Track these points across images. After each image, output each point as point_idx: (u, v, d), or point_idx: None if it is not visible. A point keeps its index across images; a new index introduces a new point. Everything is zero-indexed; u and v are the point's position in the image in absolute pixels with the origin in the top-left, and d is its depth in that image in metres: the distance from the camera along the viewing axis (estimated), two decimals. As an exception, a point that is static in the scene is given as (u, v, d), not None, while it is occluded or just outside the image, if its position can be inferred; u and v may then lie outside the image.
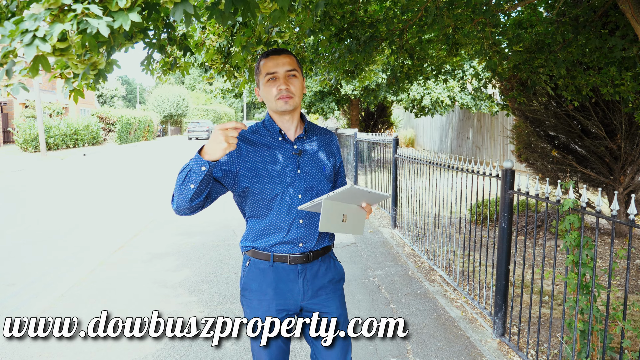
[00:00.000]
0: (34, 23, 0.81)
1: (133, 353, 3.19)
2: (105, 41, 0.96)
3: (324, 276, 1.80)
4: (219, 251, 5.64)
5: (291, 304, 1.76)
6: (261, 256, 1.75)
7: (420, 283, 4.54)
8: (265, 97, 1.73)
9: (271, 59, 1.68)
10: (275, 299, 1.74)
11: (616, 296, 3.95)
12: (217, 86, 15.54)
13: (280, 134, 1.73)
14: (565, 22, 4.32)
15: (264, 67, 1.69)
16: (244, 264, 1.82)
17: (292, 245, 1.73)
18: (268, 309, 1.75)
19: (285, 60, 1.68)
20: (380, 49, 5.50)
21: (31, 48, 0.80)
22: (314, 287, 1.78)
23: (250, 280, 1.77)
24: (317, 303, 1.79)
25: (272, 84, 1.68)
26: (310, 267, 1.77)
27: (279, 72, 1.67)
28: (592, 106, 5.36)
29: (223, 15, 1.09)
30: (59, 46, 0.90)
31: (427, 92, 14.24)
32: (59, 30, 0.80)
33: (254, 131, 1.75)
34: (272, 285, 1.74)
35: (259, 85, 1.74)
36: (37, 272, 5.02)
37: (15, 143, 22.73)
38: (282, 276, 1.74)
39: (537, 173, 6.25)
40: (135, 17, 0.81)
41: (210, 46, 3.38)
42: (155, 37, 1.78)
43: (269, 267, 1.74)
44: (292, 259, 1.73)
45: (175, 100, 46.35)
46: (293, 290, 1.75)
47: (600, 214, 2.35)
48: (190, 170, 1.50)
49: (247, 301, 1.79)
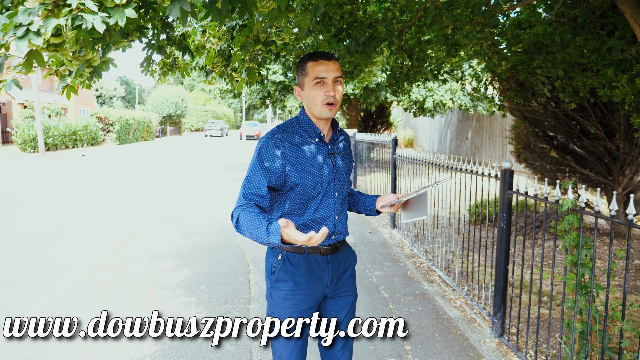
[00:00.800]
0: (27, 17, 0.80)
1: (131, 354, 3.18)
2: (101, 38, 0.95)
3: (344, 263, 1.94)
4: (218, 252, 5.63)
5: (320, 294, 1.86)
6: (295, 249, 1.80)
7: (419, 283, 4.53)
8: (309, 99, 1.76)
9: (321, 64, 1.71)
10: (306, 289, 1.82)
11: (615, 296, 3.95)
12: (217, 87, 15.54)
13: (319, 136, 1.80)
14: (563, 23, 4.32)
15: (313, 71, 1.72)
16: (273, 257, 1.85)
17: (326, 238, 1.81)
18: (299, 301, 1.81)
19: (334, 66, 1.73)
20: (379, 50, 5.50)
21: (24, 41, 0.79)
22: (338, 274, 1.90)
23: (285, 272, 1.82)
24: (339, 288, 1.92)
25: (320, 88, 1.72)
26: (337, 257, 1.89)
27: (328, 77, 1.71)
28: (590, 107, 5.37)
29: (220, 13, 1.09)
30: (53, 41, 0.89)
31: (429, 94, 14.25)
32: (53, 25, 0.79)
33: (291, 131, 1.79)
34: (305, 276, 1.81)
35: (303, 86, 1.78)
36: (36, 272, 5.01)
37: (14, 143, 22.70)
38: (314, 267, 1.83)
39: (536, 173, 6.25)
40: (130, 13, 0.80)
41: (211, 49, 3.37)
42: (154, 37, 1.77)
43: (303, 259, 1.81)
44: (325, 250, 1.83)
45: (174, 101, 46.30)
46: (323, 280, 1.85)
47: (599, 214, 2.35)
48: (264, 242, 1.57)
49: (279, 292, 1.83)
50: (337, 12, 4.51)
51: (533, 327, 3.40)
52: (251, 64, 3.19)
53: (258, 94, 14.71)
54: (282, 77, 13.74)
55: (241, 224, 1.63)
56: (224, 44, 3.32)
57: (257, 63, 3.35)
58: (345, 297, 1.93)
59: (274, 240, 1.52)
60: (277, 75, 13.62)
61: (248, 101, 15.42)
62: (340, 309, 1.93)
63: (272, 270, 1.85)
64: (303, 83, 1.77)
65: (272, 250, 1.87)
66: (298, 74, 1.80)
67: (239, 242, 6.08)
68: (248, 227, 1.60)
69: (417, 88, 13.94)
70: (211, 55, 3.47)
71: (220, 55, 3.53)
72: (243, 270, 4.95)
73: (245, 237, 1.72)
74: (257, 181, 1.71)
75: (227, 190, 10.77)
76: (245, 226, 1.61)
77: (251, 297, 4.19)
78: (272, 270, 1.85)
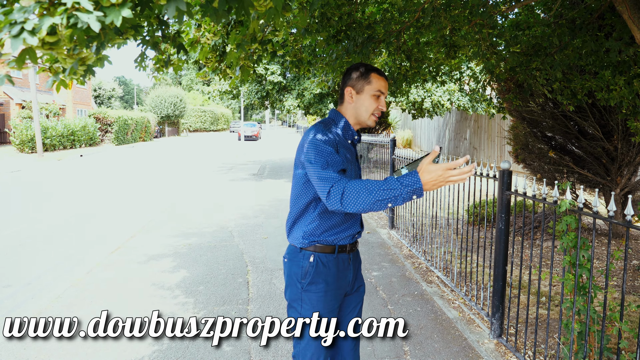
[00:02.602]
0: (22, 15, 0.80)
1: (130, 354, 3.16)
2: (96, 36, 0.95)
3: (357, 259, 2.04)
4: (216, 252, 5.62)
5: (345, 291, 1.95)
6: (327, 249, 1.86)
7: (418, 284, 4.53)
8: (364, 105, 1.89)
9: (384, 80, 1.90)
10: (336, 288, 1.89)
11: (613, 297, 3.95)
12: (215, 88, 15.51)
13: (353, 138, 1.93)
14: (562, 25, 4.33)
15: (377, 83, 1.88)
16: (304, 260, 1.85)
17: (351, 236, 1.92)
18: (330, 300, 1.87)
19: (387, 86, 1.92)
20: (378, 51, 5.50)
21: (18, 40, 0.79)
22: (356, 270, 2.02)
23: (317, 274, 1.85)
24: (356, 284, 2.02)
25: (376, 101, 1.89)
26: (356, 255, 2.01)
27: (384, 93, 1.90)
28: (588, 107, 5.37)
29: (217, 12, 1.08)
30: (48, 40, 0.89)
31: (427, 95, 14.26)
32: (48, 24, 0.79)
33: (334, 133, 1.87)
34: (335, 275, 1.88)
35: (361, 92, 1.89)
36: (34, 273, 5.00)
37: (12, 144, 22.64)
38: (341, 265, 1.90)
39: (534, 174, 6.26)
40: (127, 13, 0.80)
41: (205, 44, 3.35)
42: (149, 34, 1.76)
43: (333, 259, 1.87)
44: (350, 248, 1.94)
45: (173, 101, 46.25)
46: (347, 277, 1.95)
47: (597, 215, 2.35)
48: (398, 197, 1.51)
49: (313, 295, 1.86)
50: (336, 13, 4.50)
51: (531, 327, 3.40)
52: (246, 62, 3.17)
53: (256, 93, 14.70)
54: (280, 77, 13.73)
55: (354, 192, 1.55)
56: (218, 39, 3.29)
57: (252, 61, 3.34)
58: (358, 293, 2.04)
59: (414, 186, 1.49)
60: (275, 76, 13.61)
61: (246, 100, 15.39)
62: (356, 304, 2.02)
63: (302, 274, 1.85)
64: (363, 89, 1.88)
65: (302, 253, 1.86)
66: (359, 79, 1.89)
67: (238, 242, 6.07)
68: (368, 190, 1.54)
69: (415, 89, 13.95)
70: (205, 50, 3.43)
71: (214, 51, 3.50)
72: (241, 270, 4.94)
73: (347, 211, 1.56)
74: (335, 158, 1.72)
75: (225, 190, 10.76)
76: (363, 191, 1.54)
77: (250, 297, 4.18)
78: (303, 274, 1.85)
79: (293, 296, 1.89)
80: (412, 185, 1.50)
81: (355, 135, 1.93)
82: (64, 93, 31.44)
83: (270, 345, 3.26)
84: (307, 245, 1.85)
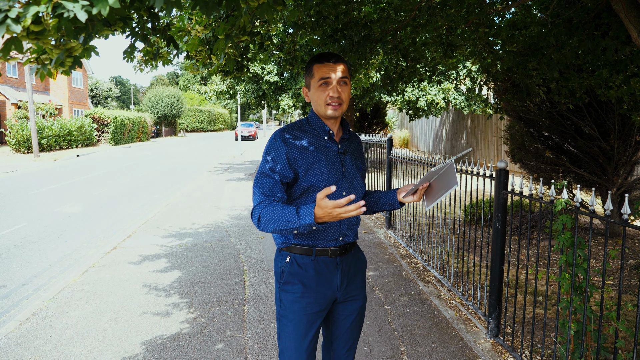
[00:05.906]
0: (7, 3, 0.78)
1: (124, 354, 3.14)
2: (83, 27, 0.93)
3: (355, 266, 1.92)
4: (212, 252, 5.59)
5: (330, 297, 1.84)
6: (303, 251, 1.80)
7: (415, 284, 4.52)
8: (315, 100, 1.80)
9: (326, 65, 1.75)
10: (315, 292, 1.80)
11: (610, 296, 3.95)
12: (212, 88, 15.46)
13: (329, 134, 1.81)
14: (558, 24, 4.32)
15: (318, 72, 1.76)
16: (282, 260, 1.84)
17: (334, 240, 1.82)
18: (308, 303, 1.80)
19: (339, 67, 1.76)
20: (374, 51, 5.48)
21: (2, 28, 0.77)
22: (348, 277, 1.88)
23: (292, 274, 1.80)
24: (349, 292, 1.90)
25: (324, 89, 1.76)
26: (346, 259, 1.87)
27: (332, 78, 1.74)
28: (585, 107, 5.37)
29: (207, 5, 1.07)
30: (33, 29, 0.87)
31: (422, 94, 14.25)
32: (32, 12, 0.77)
33: (300, 129, 1.81)
34: (314, 278, 1.80)
35: (309, 87, 1.81)
36: (29, 274, 4.96)
37: (8, 144, 22.53)
38: (323, 269, 1.81)
39: (530, 173, 6.26)
40: (114, 3, 0.78)
41: (195, 36, 3.30)
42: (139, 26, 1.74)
43: (311, 262, 1.80)
44: (333, 252, 1.82)
45: (170, 101, 46.12)
46: (332, 282, 1.83)
47: (593, 214, 2.34)
48: (299, 228, 1.57)
49: (288, 295, 1.82)
50: (332, 12, 4.48)
51: (528, 327, 3.39)
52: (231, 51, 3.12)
53: (253, 93, 14.66)
54: (277, 77, 13.70)
55: (265, 218, 1.63)
56: (209, 32, 3.25)
57: (239, 51, 3.29)
58: (355, 302, 1.92)
59: (307, 221, 1.53)
60: (272, 76, 13.58)
61: (243, 99, 15.34)
62: (349, 313, 1.92)
63: (280, 273, 1.83)
64: (310, 84, 1.81)
65: (280, 253, 1.85)
66: (305, 76, 1.84)
67: (234, 242, 6.05)
68: (275, 218, 1.59)
69: (410, 88, 13.94)
70: (194, 42, 3.38)
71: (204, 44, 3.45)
72: (238, 271, 4.91)
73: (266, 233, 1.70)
74: (270, 179, 1.71)
75: (222, 191, 10.73)
76: (271, 219, 1.61)
77: (246, 298, 4.16)
78: (281, 273, 1.83)
79: (275, 296, 1.90)
80: (307, 219, 1.54)
81: (330, 131, 1.81)
82: (61, 93, 31.32)
83: (266, 345, 3.24)
84: (284, 246, 1.84)
